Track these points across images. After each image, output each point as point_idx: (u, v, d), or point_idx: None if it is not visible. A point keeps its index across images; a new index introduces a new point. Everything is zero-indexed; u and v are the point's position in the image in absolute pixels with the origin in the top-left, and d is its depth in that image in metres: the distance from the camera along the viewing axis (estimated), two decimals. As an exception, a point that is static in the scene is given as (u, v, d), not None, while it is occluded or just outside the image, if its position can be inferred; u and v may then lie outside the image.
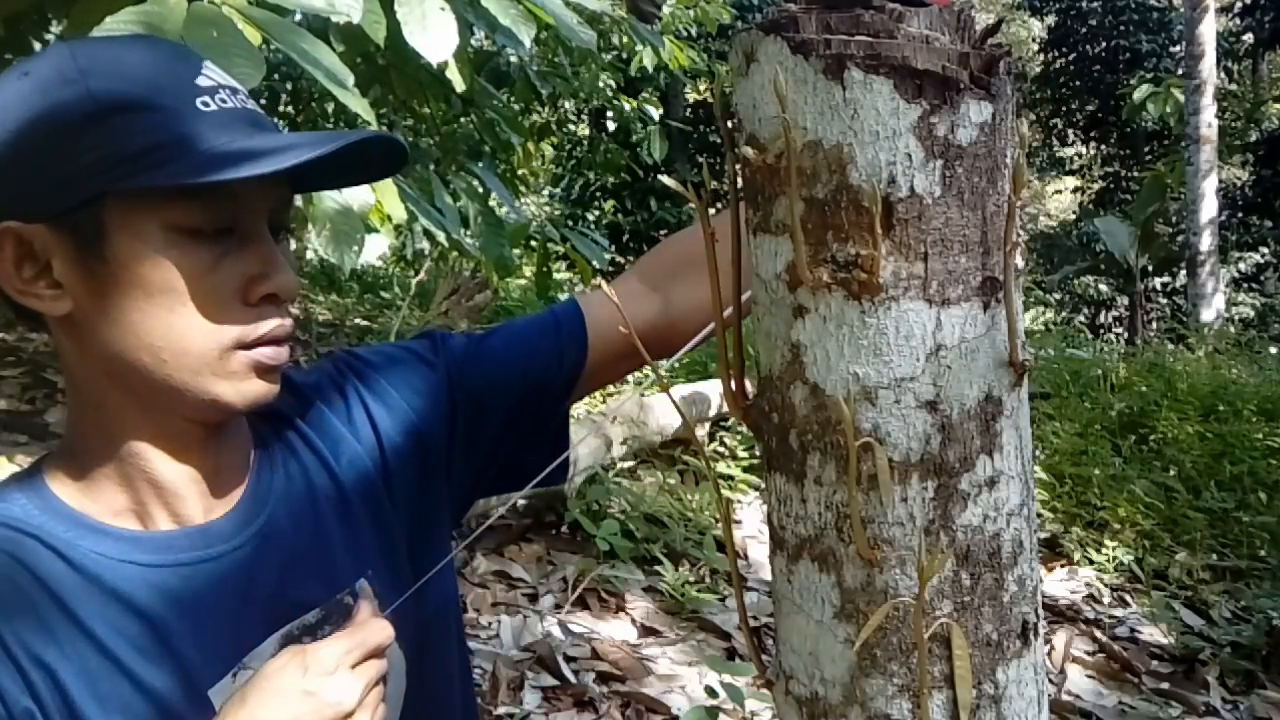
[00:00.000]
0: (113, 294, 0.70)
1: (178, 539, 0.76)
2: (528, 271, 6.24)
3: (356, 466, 0.86)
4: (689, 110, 12.04)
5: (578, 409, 4.96)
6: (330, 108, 4.65)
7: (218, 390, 0.73)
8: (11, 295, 0.71)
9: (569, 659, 2.79)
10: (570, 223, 10.23)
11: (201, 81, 0.71)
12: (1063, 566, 3.94)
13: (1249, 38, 15.35)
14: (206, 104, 0.70)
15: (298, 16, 1.81)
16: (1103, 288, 13.86)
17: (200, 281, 0.70)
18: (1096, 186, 16.77)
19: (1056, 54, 16.41)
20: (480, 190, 2.93)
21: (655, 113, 7.69)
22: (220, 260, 0.71)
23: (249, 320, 0.73)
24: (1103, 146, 16.66)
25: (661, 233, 12.53)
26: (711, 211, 0.66)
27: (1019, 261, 0.57)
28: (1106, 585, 3.81)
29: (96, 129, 0.68)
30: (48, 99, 0.69)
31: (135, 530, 0.75)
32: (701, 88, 11.62)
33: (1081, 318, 13.89)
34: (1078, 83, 16.15)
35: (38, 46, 4.53)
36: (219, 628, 0.75)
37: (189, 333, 0.71)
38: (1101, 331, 12.94)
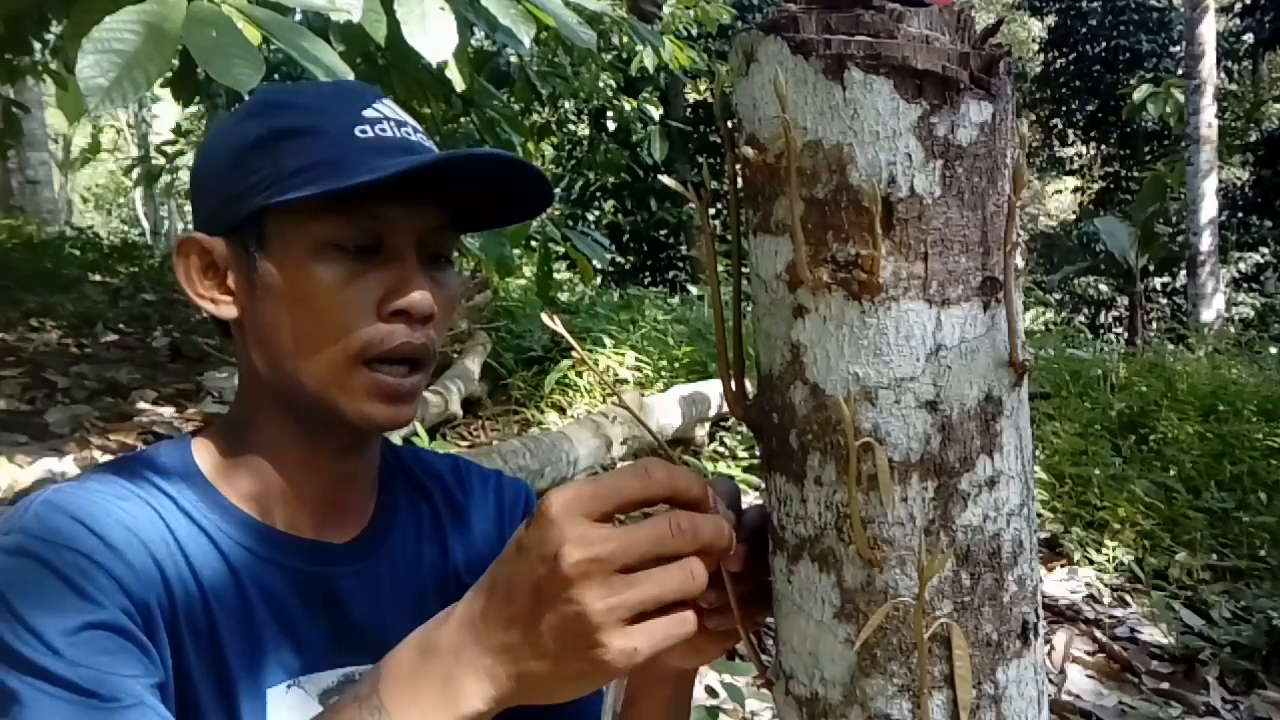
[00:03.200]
0: (264, 301, 0.77)
1: (291, 544, 0.80)
2: (528, 271, 6.24)
3: (469, 565, 0.89)
4: (689, 110, 12.04)
5: (578, 409, 4.96)
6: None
7: (340, 404, 0.77)
8: (192, 296, 0.80)
9: (569, 659, 2.78)
10: (570, 223, 10.22)
11: (368, 114, 0.77)
12: (1063, 566, 3.93)
13: (1249, 38, 15.35)
14: (365, 132, 0.76)
15: (298, 15, 1.81)
16: (1103, 288, 13.86)
17: (337, 293, 0.75)
18: (1096, 186, 16.77)
19: (1056, 54, 16.41)
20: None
21: (655, 113, 7.70)
22: (360, 275, 0.75)
23: (379, 334, 0.76)
24: (1103, 146, 16.66)
25: (662, 233, 12.52)
26: (711, 211, 0.66)
27: (1019, 261, 0.57)
28: (1106, 585, 3.81)
29: (264, 153, 0.76)
30: (239, 130, 0.79)
31: (256, 519, 0.80)
32: (701, 88, 11.62)
33: (1081, 318, 13.89)
34: (1078, 83, 16.15)
35: (38, 46, 4.53)
36: (297, 638, 0.79)
37: (321, 340, 0.76)
38: (1101, 331, 12.92)
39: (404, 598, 0.85)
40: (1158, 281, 13.54)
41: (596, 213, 12.42)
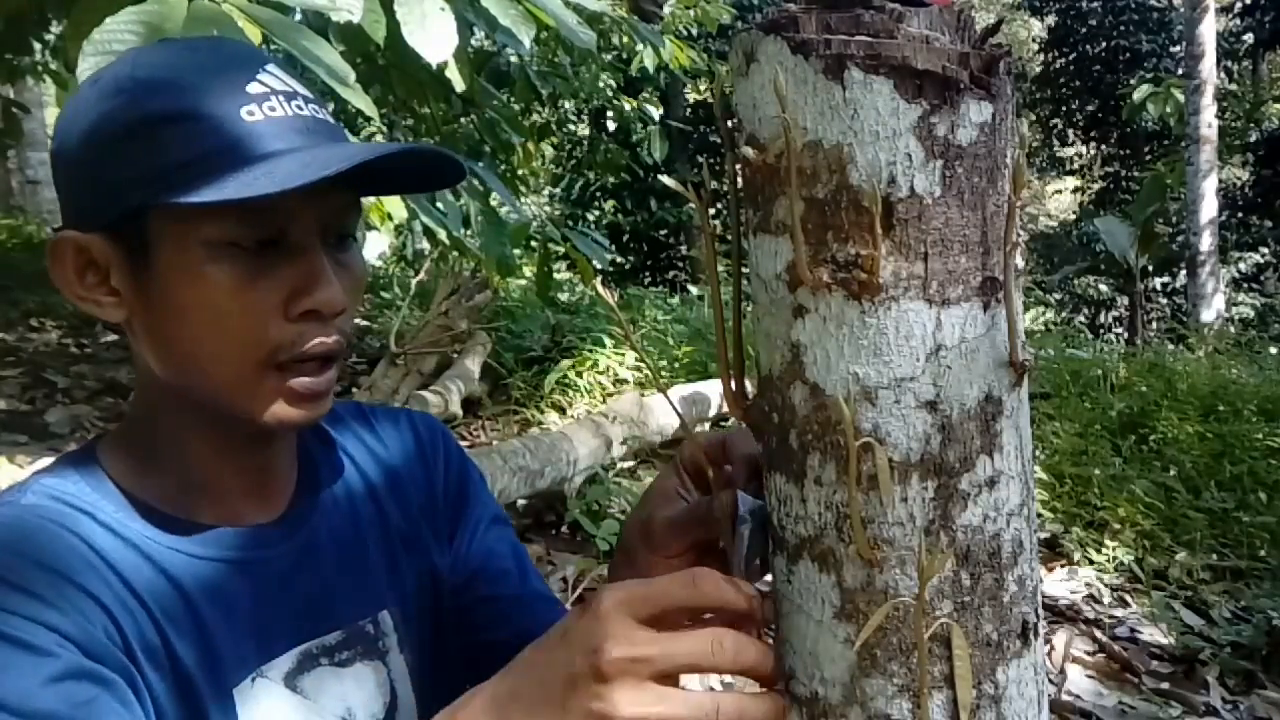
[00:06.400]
0: (158, 305, 0.71)
1: (224, 536, 0.76)
2: (528, 271, 6.24)
3: (405, 510, 0.88)
4: (689, 110, 12.04)
5: (579, 409, 4.96)
6: (332, 107, 4.65)
7: (251, 409, 0.72)
8: (73, 300, 0.73)
9: (569, 659, 2.77)
10: (570, 223, 10.23)
11: (252, 88, 0.69)
12: (1063, 566, 3.93)
13: (1249, 38, 15.34)
14: (252, 113, 0.68)
15: (298, 15, 1.81)
16: (1103, 288, 13.85)
17: (238, 297, 0.69)
18: (1096, 186, 16.77)
19: (1056, 54, 16.41)
20: (481, 189, 2.93)
21: (655, 113, 7.69)
22: (262, 274, 0.69)
23: (288, 336, 0.70)
24: (1103, 146, 16.66)
25: (662, 233, 12.52)
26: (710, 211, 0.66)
27: (1019, 261, 0.57)
28: (1106, 585, 3.80)
29: (138, 141, 0.68)
30: (101, 108, 0.69)
31: (182, 519, 0.75)
32: (701, 88, 11.62)
33: (1081, 318, 13.88)
34: (1078, 83, 16.15)
35: (38, 46, 4.53)
36: (248, 629, 0.75)
37: (226, 348, 0.70)
38: (1101, 331, 12.92)
39: (348, 558, 0.82)
40: (1158, 281, 13.53)
41: (596, 213, 12.41)
